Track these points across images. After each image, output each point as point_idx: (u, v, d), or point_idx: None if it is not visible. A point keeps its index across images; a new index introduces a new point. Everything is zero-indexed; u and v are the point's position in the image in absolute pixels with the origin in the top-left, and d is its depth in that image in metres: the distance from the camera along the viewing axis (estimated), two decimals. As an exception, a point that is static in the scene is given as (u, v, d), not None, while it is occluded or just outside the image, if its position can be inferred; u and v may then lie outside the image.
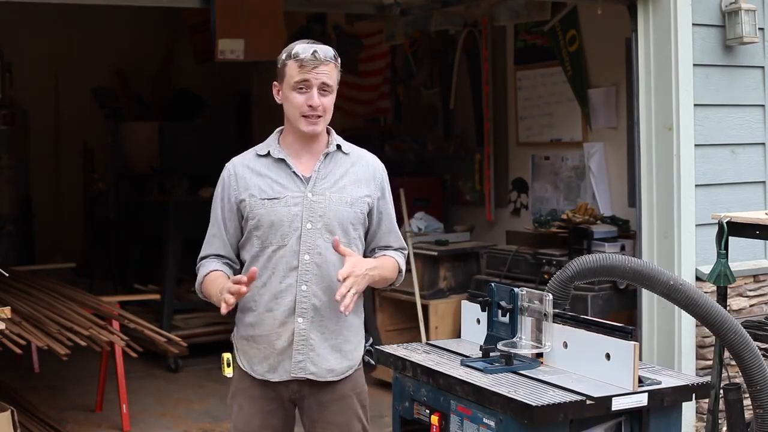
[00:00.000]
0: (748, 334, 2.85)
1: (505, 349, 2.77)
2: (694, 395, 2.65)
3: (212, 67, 8.06)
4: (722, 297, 4.15)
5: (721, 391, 4.03)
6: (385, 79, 8.05)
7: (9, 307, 4.25)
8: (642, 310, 5.26)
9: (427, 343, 3.18)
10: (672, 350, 5.14)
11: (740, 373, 2.90)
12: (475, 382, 2.61)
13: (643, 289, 5.07)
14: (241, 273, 3.07)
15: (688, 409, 5.07)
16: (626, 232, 5.90)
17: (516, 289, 2.84)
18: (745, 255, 5.26)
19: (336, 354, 3.07)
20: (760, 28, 5.36)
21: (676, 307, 3.35)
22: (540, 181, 6.84)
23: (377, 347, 3.14)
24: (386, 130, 8.16)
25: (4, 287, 5.74)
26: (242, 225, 3.10)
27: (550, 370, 2.75)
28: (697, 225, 5.16)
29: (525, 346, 2.79)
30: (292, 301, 3.01)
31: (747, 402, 3.19)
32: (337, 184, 3.07)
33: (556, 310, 2.81)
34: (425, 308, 6.36)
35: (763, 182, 5.53)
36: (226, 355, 3.14)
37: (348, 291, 2.88)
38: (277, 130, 3.17)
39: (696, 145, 5.20)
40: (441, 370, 2.75)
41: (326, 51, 3.02)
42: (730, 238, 4.06)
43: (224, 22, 5.62)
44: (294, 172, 3.06)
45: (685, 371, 4.81)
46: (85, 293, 6.13)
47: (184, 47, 9.52)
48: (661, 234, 5.20)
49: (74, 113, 9.76)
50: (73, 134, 9.70)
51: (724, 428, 4.15)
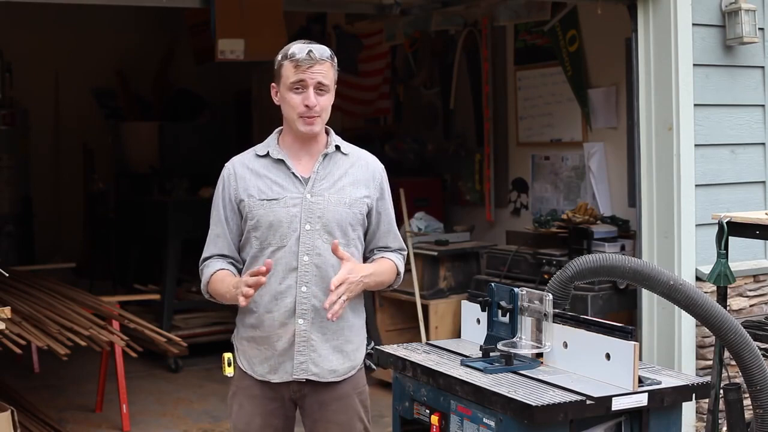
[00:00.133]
0: (748, 334, 2.85)
1: (505, 349, 2.77)
2: (694, 395, 2.65)
3: (212, 67, 8.05)
4: (722, 297, 4.15)
5: (721, 391, 4.03)
6: (385, 79, 8.04)
7: (9, 307, 4.25)
8: (642, 310, 5.26)
9: (427, 343, 3.18)
10: (672, 350, 5.14)
11: (740, 373, 2.90)
12: (475, 382, 2.61)
13: (643, 289, 5.07)
14: (241, 274, 3.08)
15: (688, 409, 5.06)
16: (626, 232, 5.90)
17: (516, 289, 2.84)
18: (745, 255, 5.26)
19: (338, 355, 3.07)
20: (760, 28, 5.36)
21: (676, 307, 3.35)
22: (540, 181, 6.84)
23: (377, 347, 3.13)
24: (386, 130, 8.16)
25: (4, 287, 5.74)
26: (242, 225, 3.10)
27: (550, 370, 2.74)
28: (697, 225, 5.16)
29: (525, 346, 2.79)
30: (292, 302, 3.00)
31: (747, 402, 3.19)
32: (336, 185, 3.06)
33: (556, 310, 2.80)
34: (425, 308, 6.36)
35: (763, 182, 5.53)
36: (227, 355, 3.14)
37: (338, 298, 2.88)
38: (277, 130, 3.16)
39: (696, 145, 5.20)
40: (441, 370, 2.75)
41: (322, 50, 3.01)
42: (730, 238, 4.06)
43: (224, 22, 5.63)
44: (293, 173, 3.05)
45: (685, 371, 4.81)
46: (85, 293, 6.13)
47: (184, 47, 9.51)
48: (661, 234, 5.20)
49: (74, 113, 9.74)
50: (73, 134, 9.69)
51: (724, 428, 4.14)
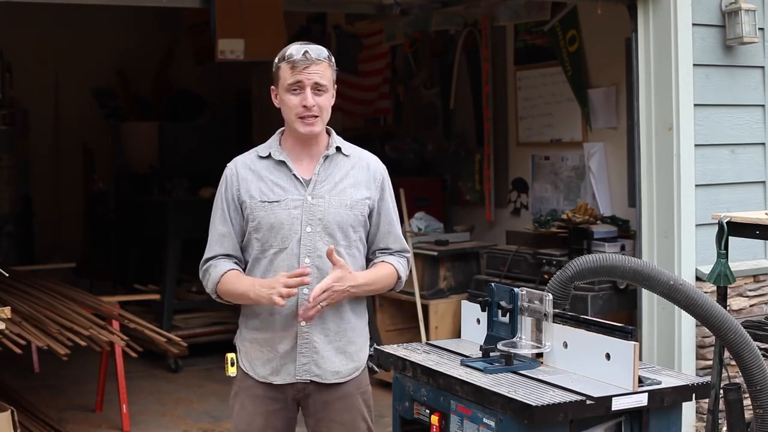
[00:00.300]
0: (748, 334, 2.84)
1: (505, 349, 2.77)
2: (694, 395, 2.65)
3: (212, 67, 8.05)
4: (722, 297, 4.15)
5: (721, 391, 4.03)
6: (385, 79, 8.04)
7: (9, 307, 4.25)
8: (642, 310, 5.25)
9: (427, 343, 3.18)
10: (672, 350, 5.14)
11: (740, 373, 2.90)
12: (475, 382, 2.61)
13: (643, 289, 5.07)
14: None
15: (688, 409, 5.06)
16: (626, 232, 5.90)
17: (516, 289, 2.84)
18: (745, 255, 5.26)
19: (341, 356, 3.07)
20: (760, 28, 5.36)
21: (676, 307, 3.34)
22: (540, 181, 6.84)
23: (377, 347, 3.13)
24: (386, 130, 8.16)
25: (4, 287, 5.73)
26: (244, 226, 3.09)
27: (550, 370, 2.74)
28: (697, 225, 5.16)
29: (525, 346, 2.78)
30: (294, 304, 3.00)
31: (747, 402, 3.19)
32: (337, 187, 3.06)
33: (556, 310, 2.80)
34: (425, 308, 6.36)
35: (763, 182, 5.52)
36: (230, 355, 3.14)
37: (316, 305, 2.91)
38: (279, 131, 3.16)
39: (696, 145, 5.20)
40: (441, 370, 2.75)
41: (318, 51, 3.00)
42: (730, 238, 4.05)
43: (224, 22, 5.62)
44: (294, 175, 3.05)
45: (685, 371, 4.81)
46: (85, 293, 6.13)
47: (184, 47, 9.51)
48: (661, 234, 5.20)
49: (74, 113, 9.74)
50: (73, 134, 9.68)
51: (724, 428, 4.14)
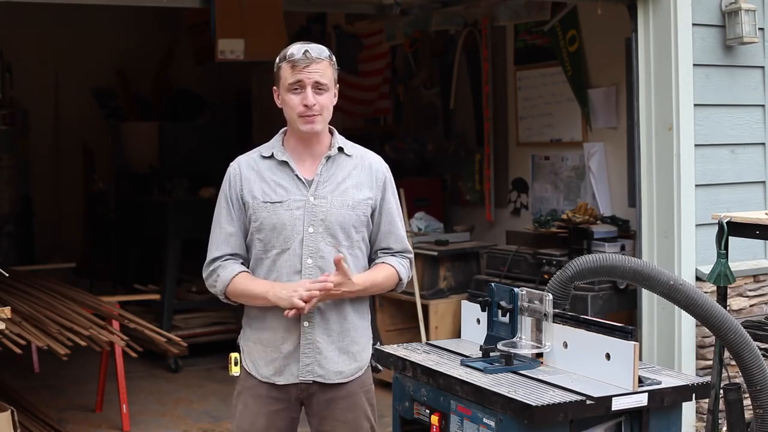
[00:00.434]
0: (748, 334, 2.84)
1: (505, 349, 2.77)
2: (694, 395, 2.64)
3: (212, 67, 8.05)
4: (722, 297, 4.15)
5: (721, 391, 4.03)
6: (385, 79, 8.04)
7: (9, 307, 4.25)
8: (642, 310, 5.25)
9: (427, 343, 3.17)
10: (672, 350, 5.14)
11: (740, 373, 2.90)
12: (475, 382, 2.61)
13: (643, 289, 5.07)
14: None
15: (688, 409, 5.06)
16: (626, 232, 5.90)
17: (516, 289, 2.83)
18: (745, 255, 5.26)
19: (344, 356, 3.08)
20: (760, 28, 5.36)
21: (676, 307, 3.34)
22: (540, 181, 6.84)
23: (377, 348, 3.13)
24: (386, 130, 8.16)
25: (4, 287, 5.73)
26: (247, 225, 3.09)
27: (550, 370, 2.74)
28: (697, 225, 5.16)
29: (525, 346, 2.78)
30: None
31: (747, 402, 3.19)
32: (339, 188, 3.06)
33: (556, 310, 2.80)
34: (425, 308, 6.36)
35: (763, 182, 5.52)
36: (234, 355, 3.14)
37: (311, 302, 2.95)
38: (282, 130, 3.16)
39: (696, 145, 5.20)
40: (441, 370, 2.74)
41: (319, 50, 3.01)
42: (730, 238, 4.05)
43: (224, 22, 5.62)
44: (296, 176, 3.05)
45: (685, 371, 4.81)
46: (85, 293, 6.12)
47: (184, 47, 9.51)
48: (661, 234, 5.20)
49: (74, 113, 9.74)
50: (73, 134, 9.68)
51: (724, 428, 4.14)
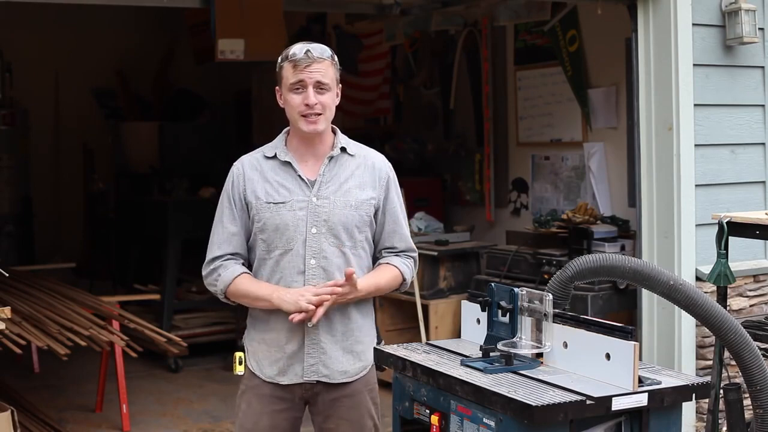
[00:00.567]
0: (748, 334, 2.84)
1: (505, 349, 2.76)
2: (694, 395, 2.64)
3: (212, 67, 8.05)
4: (722, 297, 4.14)
5: (721, 391, 4.03)
6: (385, 79, 8.04)
7: (9, 307, 4.25)
8: (642, 310, 5.25)
9: (427, 343, 3.17)
10: (672, 350, 5.14)
11: (740, 373, 2.90)
12: (475, 382, 2.60)
13: (643, 289, 5.07)
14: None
15: (688, 409, 5.06)
16: (626, 232, 5.90)
17: (516, 289, 2.83)
18: (745, 255, 5.26)
19: (348, 356, 3.09)
20: (760, 28, 5.36)
21: (676, 307, 3.34)
22: (540, 181, 6.84)
23: (376, 348, 3.13)
24: (386, 130, 8.16)
25: (4, 287, 5.73)
26: (250, 226, 3.10)
27: (550, 370, 2.74)
28: (697, 225, 5.16)
29: (525, 346, 2.78)
30: None
31: (747, 402, 3.19)
32: (342, 188, 3.06)
33: (556, 310, 2.80)
34: (425, 308, 6.36)
35: (763, 182, 5.52)
36: (238, 354, 3.14)
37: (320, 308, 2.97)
38: (285, 130, 3.16)
39: (696, 145, 5.20)
40: (441, 370, 2.74)
41: (320, 49, 3.01)
42: (730, 238, 4.05)
43: (224, 22, 5.62)
44: (299, 176, 3.05)
45: (685, 371, 4.80)
46: (85, 293, 6.12)
47: (184, 47, 9.51)
48: (661, 234, 5.20)
49: (74, 113, 9.74)
50: (73, 134, 9.68)
51: (724, 428, 4.14)
